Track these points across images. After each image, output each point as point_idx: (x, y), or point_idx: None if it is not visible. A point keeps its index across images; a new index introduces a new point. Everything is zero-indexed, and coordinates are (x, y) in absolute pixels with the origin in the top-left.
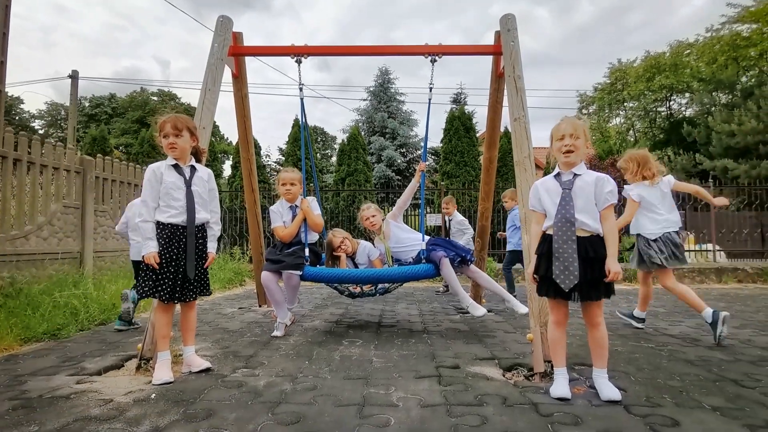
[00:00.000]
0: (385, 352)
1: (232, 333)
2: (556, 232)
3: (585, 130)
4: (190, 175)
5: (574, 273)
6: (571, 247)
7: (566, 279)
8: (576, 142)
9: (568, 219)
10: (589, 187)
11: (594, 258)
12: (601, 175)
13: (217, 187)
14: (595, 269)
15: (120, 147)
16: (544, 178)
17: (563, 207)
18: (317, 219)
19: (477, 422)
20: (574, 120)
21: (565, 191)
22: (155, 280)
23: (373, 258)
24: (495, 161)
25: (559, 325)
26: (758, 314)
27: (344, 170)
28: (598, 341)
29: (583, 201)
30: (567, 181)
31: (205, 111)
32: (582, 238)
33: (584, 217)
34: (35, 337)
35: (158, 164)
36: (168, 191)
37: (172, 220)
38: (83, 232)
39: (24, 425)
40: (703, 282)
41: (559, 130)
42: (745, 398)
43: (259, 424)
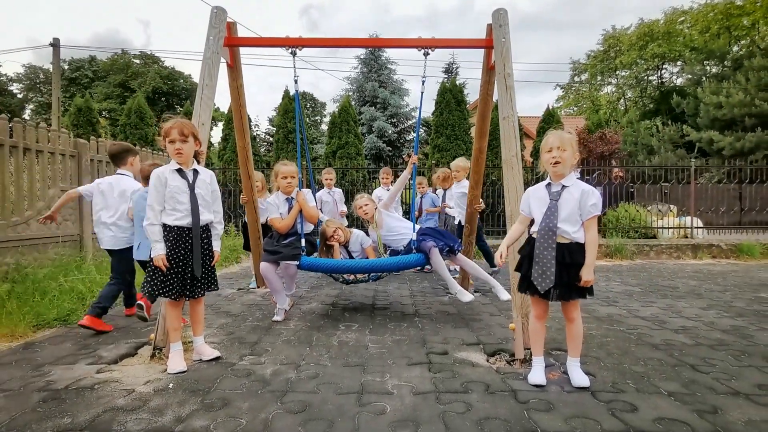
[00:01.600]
0: (380, 337)
1: (235, 317)
2: (538, 239)
3: (572, 143)
4: (193, 179)
5: (550, 277)
6: (551, 254)
7: (543, 282)
8: (563, 154)
9: (550, 228)
10: (574, 200)
11: (570, 263)
12: (587, 189)
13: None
14: (570, 273)
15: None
16: (536, 186)
17: (548, 217)
18: (312, 211)
19: (462, 409)
20: (561, 133)
21: (552, 202)
22: (164, 280)
23: (365, 246)
24: (485, 151)
25: (539, 319)
26: (725, 294)
27: (335, 143)
28: (574, 334)
29: (567, 212)
30: (555, 192)
31: (203, 107)
32: (562, 244)
33: (566, 225)
34: (47, 324)
35: (162, 169)
36: (173, 195)
37: (178, 223)
38: (81, 216)
39: (57, 417)
40: (679, 258)
41: (547, 144)
42: (699, 383)
43: (270, 413)
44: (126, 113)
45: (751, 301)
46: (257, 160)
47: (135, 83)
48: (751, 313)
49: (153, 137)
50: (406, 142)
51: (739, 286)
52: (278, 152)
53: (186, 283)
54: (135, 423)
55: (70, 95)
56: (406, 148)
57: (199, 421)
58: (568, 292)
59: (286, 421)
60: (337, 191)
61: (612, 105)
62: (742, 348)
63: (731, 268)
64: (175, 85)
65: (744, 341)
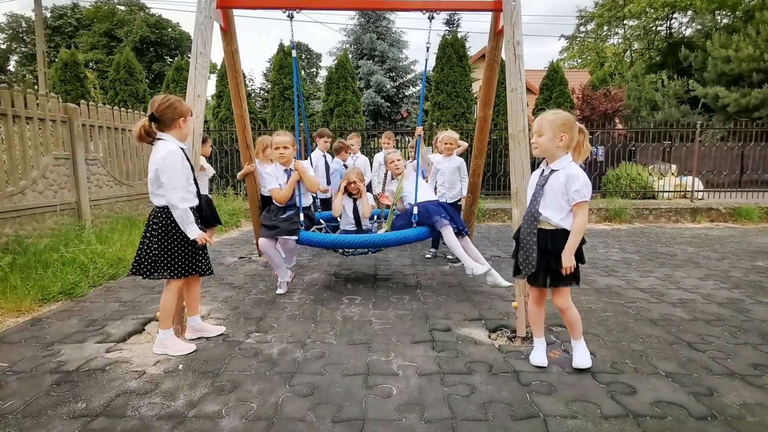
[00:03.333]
0: (383, 312)
1: (238, 290)
2: (522, 224)
3: (555, 125)
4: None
5: (532, 263)
6: (532, 239)
7: (526, 267)
8: (539, 139)
9: (532, 214)
10: (559, 185)
11: (551, 251)
12: (572, 173)
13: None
14: (551, 260)
15: (91, 64)
16: (537, 170)
17: (532, 202)
18: (313, 179)
19: (467, 392)
20: (543, 116)
21: (537, 187)
22: (193, 258)
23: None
24: (489, 120)
25: (537, 302)
26: (723, 262)
27: (332, 100)
28: (569, 322)
29: (551, 197)
30: (544, 177)
31: (198, 77)
32: (544, 230)
33: (548, 212)
34: (52, 297)
35: (174, 147)
36: (188, 176)
37: (191, 204)
38: (77, 183)
39: (71, 402)
40: (677, 221)
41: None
42: (696, 363)
43: (279, 396)
44: (114, 68)
45: (747, 270)
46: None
47: (121, 32)
48: (747, 284)
49: (144, 94)
50: (405, 98)
51: (737, 254)
52: (274, 109)
53: (192, 258)
54: (149, 408)
55: (55, 45)
56: (405, 103)
57: (210, 406)
58: (553, 279)
59: (296, 405)
60: (362, 158)
61: (618, 57)
62: (738, 324)
63: (729, 232)
64: (163, 34)
65: (740, 316)
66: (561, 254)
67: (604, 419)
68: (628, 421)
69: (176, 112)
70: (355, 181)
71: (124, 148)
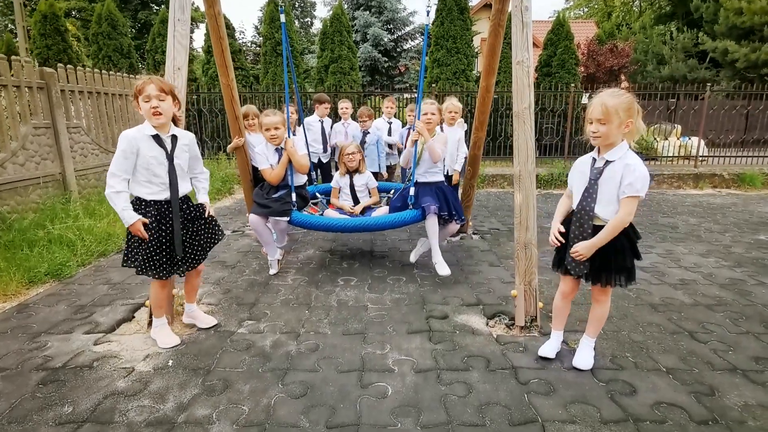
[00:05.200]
0: (379, 296)
1: (231, 270)
2: (574, 221)
3: (620, 110)
4: (172, 147)
5: (585, 263)
6: (586, 239)
7: (576, 267)
8: (602, 129)
9: (587, 212)
10: (616, 177)
11: (607, 248)
12: (630, 164)
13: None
14: (609, 260)
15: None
16: (584, 158)
17: (585, 199)
18: (302, 160)
19: (463, 392)
20: (606, 100)
21: (591, 181)
22: (147, 257)
23: (371, 186)
24: (492, 90)
25: (565, 297)
26: (725, 236)
27: (327, 56)
28: (597, 316)
29: (607, 192)
30: (597, 169)
31: (177, 47)
32: (598, 227)
33: (604, 209)
34: (39, 279)
35: (135, 133)
36: (147, 166)
37: (156, 197)
38: (60, 153)
39: (58, 405)
40: (680, 187)
41: (589, 113)
42: (697, 355)
43: (272, 398)
44: (96, 20)
45: (750, 246)
46: (244, 75)
47: None
48: (749, 261)
49: (129, 48)
50: (404, 52)
51: (739, 225)
52: (266, 66)
53: (174, 260)
54: (137, 412)
55: None
56: (403, 58)
57: (201, 410)
58: (603, 276)
59: (288, 407)
60: (354, 124)
61: (626, 7)
62: (740, 309)
63: (731, 200)
64: None
65: (742, 300)
66: (617, 251)
67: (604, 424)
68: (628, 427)
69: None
70: (354, 152)
71: (108, 114)
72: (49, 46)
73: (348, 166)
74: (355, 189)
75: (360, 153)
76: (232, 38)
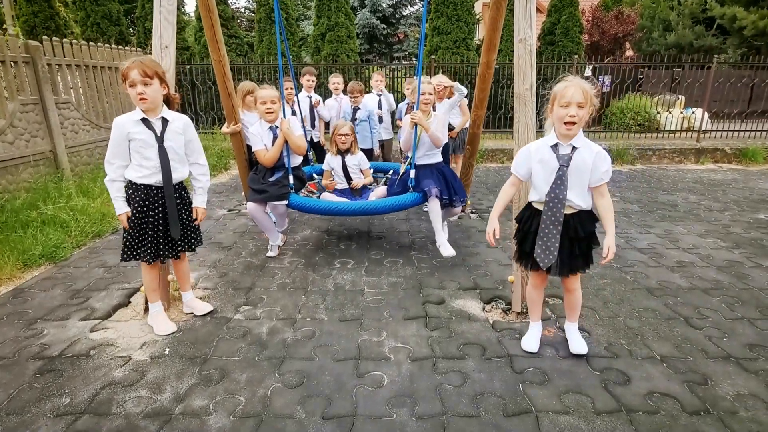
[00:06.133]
0: (376, 279)
1: (227, 251)
2: (545, 211)
3: (592, 96)
4: (162, 130)
5: (554, 253)
6: (557, 228)
7: (545, 258)
8: (580, 112)
9: (560, 200)
10: (585, 165)
11: (581, 237)
12: (601, 152)
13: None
14: (581, 247)
15: None
16: (539, 145)
17: (558, 187)
18: (299, 141)
19: (459, 381)
20: (583, 84)
21: (561, 168)
22: (136, 242)
23: (363, 168)
24: (492, 66)
25: (537, 288)
26: (724, 214)
27: (323, 24)
28: (572, 303)
29: (576, 179)
30: (564, 156)
31: (164, 24)
32: (568, 215)
33: (574, 195)
34: (34, 262)
35: (124, 119)
36: (138, 150)
37: (146, 181)
38: (50, 129)
39: (55, 396)
40: (681, 162)
41: (565, 96)
42: (691, 342)
43: (268, 388)
44: None
45: (749, 225)
46: (237, 44)
47: None
48: (748, 242)
49: (118, 15)
50: (403, 18)
51: (738, 203)
52: (261, 34)
53: (160, 244)
54: (134, 403)
55: None
56: (402, 25)
57: (198, 400)
58: (573, 265)
59: (285, 398)
60: (345, 99)
61: None
62: (736, 294)
63: (732, 176)
64: None
65: (739, 284)
66: (586, 238)
67: (597, 415)
68: (620, 417)
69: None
70: (347, 133)
71: (98, 87)
72: (36, 12)
73: (340, 147)
74: (347, 170)
75: (353, 134)
76: (224, 4)
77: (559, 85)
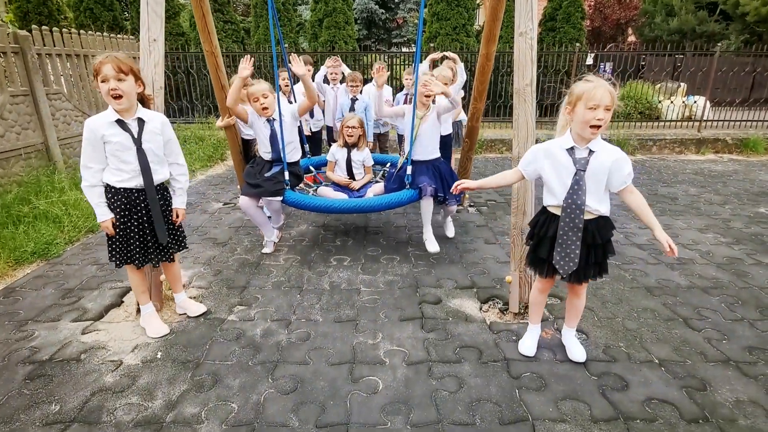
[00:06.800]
0: (372, 277)
1: (222, 248)
2: (563, 217)
3: (616, 99)
4: (139, 131)
5: (575, 260)
6: (577, 235)
7: (566, 265)
8: (607, 116)
9: (578, 206)
10: (604, 169)
11: (598, 244)
12: (620, 156)
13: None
14: (598, 254)
15: None
16: (553, 149)
17: (575, 192)
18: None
19: (455, 387)
20: (609, 87)
21: (579, 173)
22: (123, 247)
23: (366, 164)
24: (492, 58)
25: (544, 292)
26: (724, 208)
27: (321, 9)
28: (576, 307)
29: (594, 183)
30: (582, 160)
31: (152, 16)
32: (586, 221)
33: (592, 200)
34: (26, 259)
35: (97, 121)
36: (114, 153)
37: (126, 185)
38: (41, 121)
39: (45, 403)
40: (681, 152)
41: (594, 98)
42: (690, 345)
43: (261, 394)
44: None
45: (749, 220)
46: (234, 30)
47: None
48: (748, 237)
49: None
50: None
51: (739, 196)
52: (257, 19)
53: (149, 248)
54: (125, 411)
55: None
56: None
57: (190, 408)
58: (588, 272)
59: (278, 405)
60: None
61: None
62: (735, 293)
63: (733, 167)
64: None
65: (739, 282)
66: (604, 245)
67: (594, 423)
68: (618, 426)
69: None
70: (356, 126)
71: (90, 77)
72: None
73: (347, 140)
74: (351, 164)
75: (361, 128)
76: None
77: (585, 85)
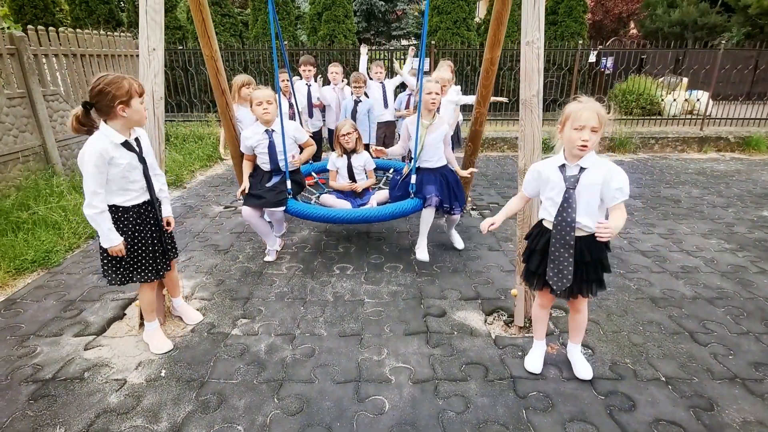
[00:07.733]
0: (376, 287)
1: (224, 255)
2: (554, 234)
3: (605, 119)
4: (139, 148)
5: (568, 276)
6: (568, 251)
7: (559, 282)
8: (593, 137)
9: (568, 223)
10: (595, 186)
11: (589, 261)
12: (612, 169)
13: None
14: (589, 271)
15: None
16: (546, 164)
17: (564, 210)
18: (310, 150)
19: (461, 407)
20: (598, 108)
21: (569, 191)
22: (135, 264)
23: (368, 168)
24: (497, 63)
25: (544, 307)
26: (728, 211)
27: (320, 3)
28: (578, 323)
29: (585, 201)
30: (571, 178)
31: (151, 24)
32: (579, 238)
33: (584, 218)
34: (25, 268)
35: (101, 143)
36: (123, 175)
37: (134, 202)
38: (39, 123)
39: (50, 425)
40: (683, 151)
41: (580, 119)
42: (697, 361)
43: (267, 415)
44: None
45: (753, 224)
46: (232, 23)
47: None
48: (752, 243)
49: None
50: None
51: (742, 198)
52: (255, 13)
53: (158, 259)
54: None
55: None
56: (401, 2)
57: (195, 430)
58: (583, 288)
59: (284, 426)
60: (347, 89)
61: None
62: (741, 304)
63: (735, 166)
64: None
65: (744, 292)
66: (597, 263)
67: None
68: None
69: (109, 98)
70: (350, 132)
71: (87, 77)
72: None
73: (344, 147)
74: (353, 170)
75: (356, 132)
76: None
77: (573, 106)
